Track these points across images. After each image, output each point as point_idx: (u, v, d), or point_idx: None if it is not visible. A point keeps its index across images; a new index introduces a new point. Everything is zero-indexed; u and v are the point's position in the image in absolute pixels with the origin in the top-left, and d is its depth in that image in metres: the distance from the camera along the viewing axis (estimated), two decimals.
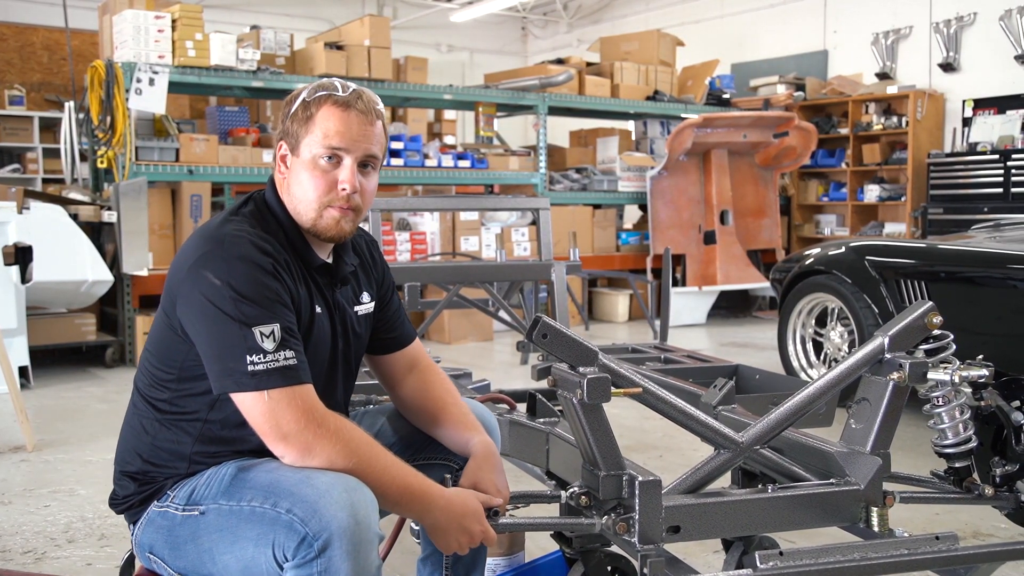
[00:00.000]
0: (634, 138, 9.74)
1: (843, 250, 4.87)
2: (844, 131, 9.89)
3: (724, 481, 2.10)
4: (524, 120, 11.27)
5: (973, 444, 2.12)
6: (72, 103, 7.13)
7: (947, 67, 9.30)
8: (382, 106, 1.79)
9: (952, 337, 2.03)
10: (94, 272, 5.67)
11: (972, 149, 8.83)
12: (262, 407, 1.56)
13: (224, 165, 6.86)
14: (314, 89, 1.73)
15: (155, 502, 1.71)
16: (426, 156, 7.88)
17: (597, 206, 8.86)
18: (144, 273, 6.18)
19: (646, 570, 1.69)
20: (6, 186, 6.33)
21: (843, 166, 9.93)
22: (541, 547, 2.54)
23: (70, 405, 5.14)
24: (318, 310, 1.76)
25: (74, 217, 5.92)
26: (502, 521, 1.75)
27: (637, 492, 1.73)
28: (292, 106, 1.74)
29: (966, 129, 9.07)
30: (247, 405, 1.58)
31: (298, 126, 1.72)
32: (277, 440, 1.57)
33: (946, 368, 1.98)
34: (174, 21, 6.54)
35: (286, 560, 1.50)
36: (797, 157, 8.89)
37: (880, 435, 1.94)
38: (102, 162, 6.52)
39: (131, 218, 6.01)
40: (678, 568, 1.82)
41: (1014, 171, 8.35)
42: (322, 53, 7.27)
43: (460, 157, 8.05)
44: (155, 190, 6.70)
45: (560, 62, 9.23)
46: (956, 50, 9.26)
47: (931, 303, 2.00)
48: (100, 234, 6.28)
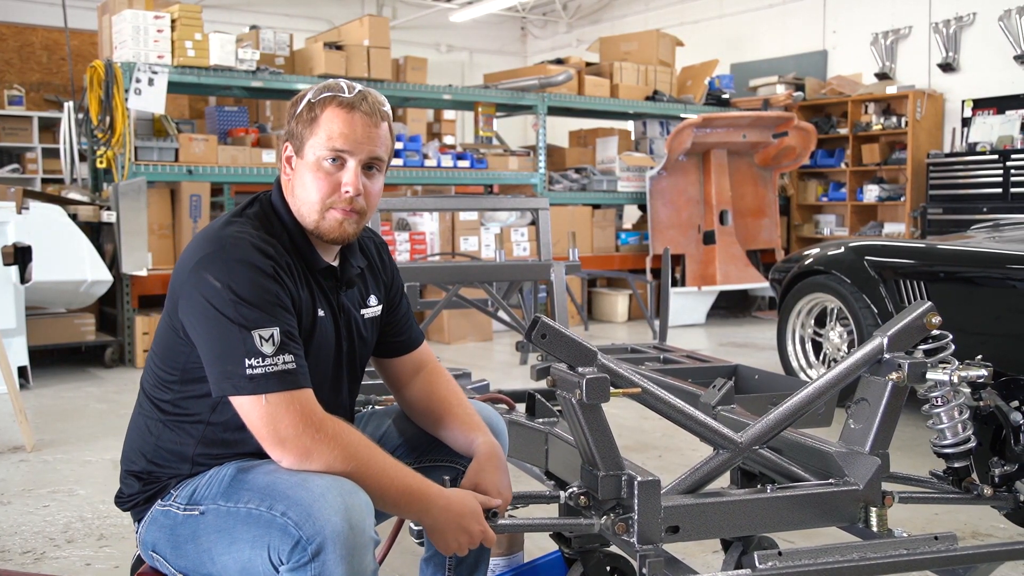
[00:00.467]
0: (633, 138, 9.74)
1: (842, 250, 4.88)
2: (843, 131, 9.89)
3: (723, 481, 2.10)
4: (523, 120, 11.27)
5: (972, 444, 2.12)
6: (71, 103, 7.13)
7: (946, 67, 9.31)
8: (388, 108, 1.78)
9: (951, 337, 2.03)
10: (93, 272, 5.67)
11: (971, 149, 8.83)
12: (260, 411, 1.56)
13: (223, 165, 6.85)
14: (320, 90, 1.73)
15: (159, 501, 1.72)
16: (425, 156, 7.89)
17: (596, 206, 8.86)
18: (143, 273, 6.18)
19: (645, 570, 1.69)
20: (5, 186, 6.33)
21: (842, 166, 9.93)
22: (540, 547, 2.54)
23: (69, 405, 5.14)
24: (321, 313, 1.75)
25: (73, 217, 5.92)
26: (501, 522, 1.75)
27: (636, 492, 1.73)
28: (298, 107, 1.74)
29: (965, 129, 9.07)
30: (245, 409, 1.58)
31: (303, 127, 1.72)
32: (275, 444, 1.57)
33: (945, 368, 1.98)
34: (173, 21, 6.54)
35: (281, 563, 1.50)
36: (796, 157, 8.89)
37: (879, 435, 1.94)
38: (101, 162, 6.52)
39: (130, 218, 6.01)
40: (677, 568, 1.82)
41: (1013, 171, 8.36)
42: (321, 53, 7.27)
43: (459, 157, 8.06)
44: (154, 190, 6.70)
45: (559, 62, 9.23)
46: (955, 50, 9.26)
47: (930, 303, 2.00)
48: (99, 234, 6.28)
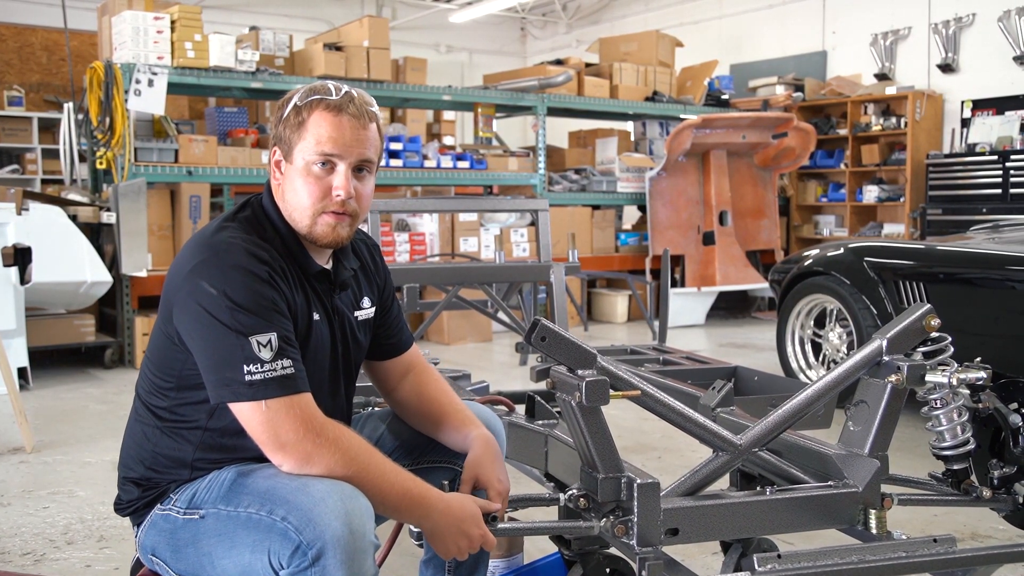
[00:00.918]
0: (633, 139, 9.74)
1: (842, 251, 4.88)
2: (843, 132, 9.89)
3: (723, 483, 2.10)
4: (523, 121, 11.27)
5: (971, 446, 2.12)
6: (71, 104, 7.13)
7: (946, 68, 9.31)
8: (376, 107, 1.77)
9: (950, 339, 2.03)
10: (93, 273, 5.67)
11: (971, 150, 8.83)
12: (260, 417, 1.56)
13: (223, 166, 6.85)
14: (306, 93, 1.72)
15: (158, 505, 1.72)
16: (425, 157, 7.89)
17: (596, 207, 8.86)
18: (143, 274, 6.18)
19: (644, 572, 1.69)
20: (5, 187, 6.33)
21: (842, 167, 9.93)
22: (540, 548, 2.54)
23: (69, 406, 5.14)
24: (316, 317, 1.75)
25: (73, 218, 5.91)
26: (501, 525, 1.75)
27: (635, 494, 1.73)
28: (284, 111, 1.73)
29: (965, 130, 9.07)
30: (245, 415, 1.58)
31: (290, 132, 1.71)
32: (276, 449, 1.57)
33: (944, 370, 1.98)
34: (173, 22, 6.54)
35: (281, 568, 1.50)
36: (796, 158, 8.89)
37: (878, 437, 1.94)
38: (101, 163, 6.52)
39: (130, 219, 6.01)
40: (676, 570, 1.83)
41: (1013, 172, 8.36)
42: (321, 54, 7.28)
43: (459, 158, 8.06)
44: (154, 191, 6.70)
45: (559, 63, 9.23)
46: (955, 51, 9.26)
47: (929, 305, 2.00)
48: (99, 235, 6.28)
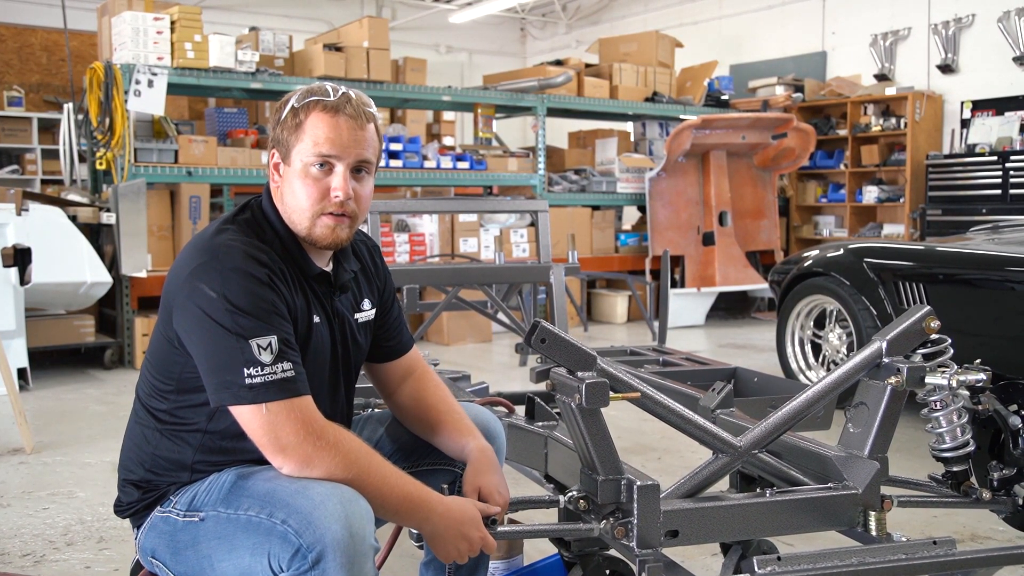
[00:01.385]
0: (633, 139, 9.74)
1: (841, 252, 4.88)
2: (843, 132, 9.89)
3: (722, 485, 2.10)
4: (523, 121, 11.27)
5: (971, 448, 2.12)
6: (71, 104, 7.13)
7: (945, 68, 9.31)
8: (374, 108, 1.77)
9: (950, 341, 2.03)
10: (93, 274, 5.67)
11: (970, 151, 8.83)
12: (260, 420, 1.56)
13: (223, 167, 6.85)
14: (303, 95, 1.71)
15: (158, 507, 1.72)
16: (425, 157, 7.88)
17: (596, 207, 8.86)
18: (143, 275, 6.18)
19: (644, 574, 1.69)
20: (5, 188, 6.32)
21: (842, 167, 9.93)
22: (540, 550, 2.54)
23: (69, 407, 5.14)
24: (316, 319, 1.75)
25: (73, 219, 5.91)
26: (501, 528, 1.75)
27: (635, 496, 1.73)
28: (281, 113, 1.73)
29: (964, 130, 9.07)
30: (245, 418, 1.58)
31: (288, 134, 1.71)
32: (276, 452, 1.57)
33: (944, 372, 1.98)
34: (173, 23, 6.54)
35: (281, 570, 1.50)
36: (796, 158, 8.89)
37: (878, 439, 1.94)
38: (101, 164, 6.52)
39: (130, 220, 6.01)
40: (676, 572, 1.83)
41: (1012, 172, 8.36)
42: (321, 55, 7.27)
43: (459, 158, 8.06)
44: (154, 192, 6.70)
45: (559, 63, 9.24)
46: (954, 51, 9.26)
47: (929, 307, 2.00)
48: (99, 236, 6.28)
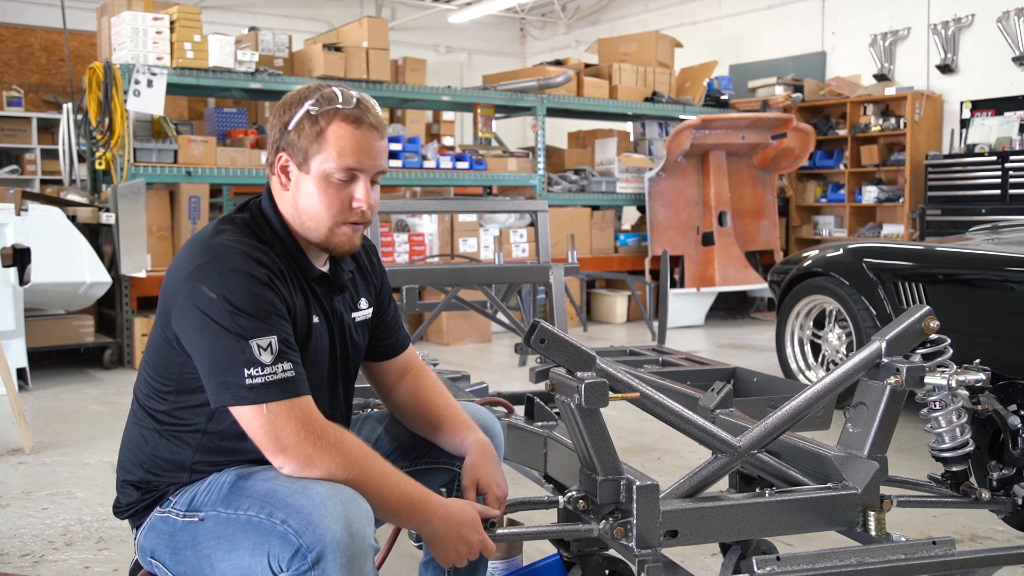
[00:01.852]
0: (632, 139, 9.74)
1: (841, 252, 4.88)
2: (842, 132, 9.89)
3: (722, 485, 2.10)
4: (522, 121, 11.27)
5: (970, 448, 2.12)
6: (70, 104, 7.13)
7: (945, 69, 9.31)
8: (380, 109, 1.79)
9: (949, 341, 2.03)
10: (92, 274, 5.66)
11: (970, 151, 8.83)
12: (261, 420, 1.56)
13: (222, 167, 6.85)
14: (320, 100, 1.68)
15: (157, 507, 1.72)
16: (424, 157, 7.88)
17: (595, 207, 8.86)
18: (142, 275, 6.18)
19: (643, 574, 1.69)
20: (4, 188, 6.33)
21: (841, 167, 9.93)
22: (540, 550, 2.54)
23: (68, 407, 5.14)
24: (316, 320, 1.75)
25: (72, 219, 5.91)
26: (500, 531, 1.75)
27: (635, 496, 1.73)
28: (292, 115, 1.69)
29: (964, 131, 9.08)
30: (246, 418, 1.58)
31: (306, 141, 1.68)
32: (277, 452, 1.57)
33: (943, 372, 1.98)
34: (172, 23, 6.53)
35: (281, 571, 1.51)
36: (795, 158, 8.89)
37: (877, 439, 1.94)
38: (100, 164, 6.52)
39: (129, 220, 6.00)
40: (676, 572, 1.82)
41: (1012, 172, 8.36)
42: (320, 55, 7.27)
43: (458, 158, 8.06)
44: (153, 192, 6.70)
45: (558, 63, 9.24)
46: (954, 52, 9.27)
47: (928, 307, 2.00)
48: (98, 236, 6.28)
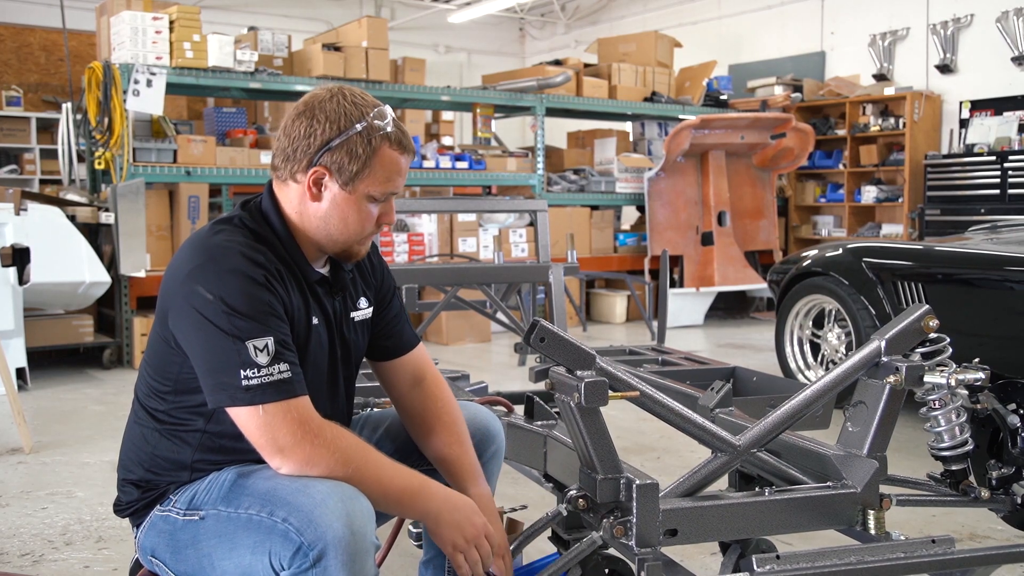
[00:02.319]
0: (632, 139, 9.75)
1: (840, 252, 4.88)
2: (841, 132, 9.90)
3: (721, 484, 2.10)
4: (522, 121, 11.27)
5: (969, 447, 2.12)
6: (69, 104, 7.13)
7: (944, 69, 9.32)
8: None
9: (949, 340, 2.03)
10: (91, 273, 5.66)
11: (969, 151, 8.84)
12: (257, 421, 1.56)
13: (222, 166, 6.85)
14: (371, 127, 1.68)
15: (158, 506, 1.72)
16: (424, 157, 7.89)
17: (595, 207, 8.86)
18: (141, 274, 6.18)
19: (643, 573, 1.69)
20: (3, 187, 6.33)
21: (840, 167, 9.93)
22: (540, 549, 2.54)
23: (67, 407, 5.14)
24: (315, 321, 1.75)
25: (71, 218, 5.91)
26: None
27: (634, 495, 1.73)
28: (338, 134, 1.66)
29: (963, 131, 9.08)
30: (242, 419, 1.58)
31: (353, 162, 1.67)
32: (274, 454, 1.58)
33: (943, 371, 1.97)
34: (172, 22, 6.53)
35: (282, 569, 1.51)
36: (794, 158, 8.90)
37: (877, 438, 1.94)
38: (100, 163, 6.51)
39: (128, 219, 6.00)
40: (675, 571, 1.83)
41: (1011, 172, 8.37)
42: (320, 54, 7.27)
43: (458, 158, 8.06)
44: (153, 191, 6.70)
45: (558, 63, 9.24)
46: (953, 52, 9.27)
47: (928, 306, 2.00)
48: (98, 235, 6.28)
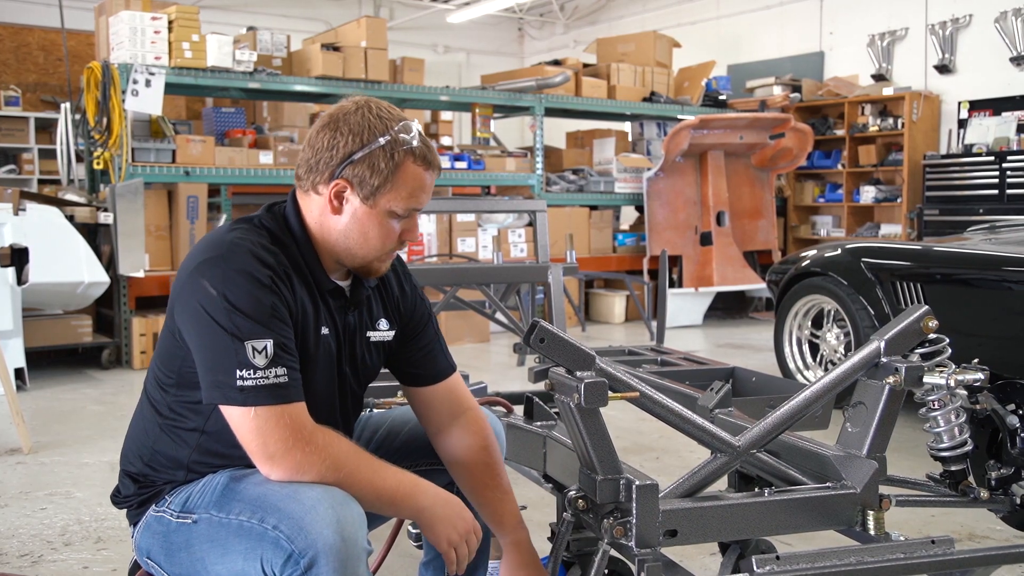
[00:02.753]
0: (631, 139, 9.75)
1: (839, 252, 4.88)
2: (840, 132, 9.90)
3: (721, 484, 2.10)
4: (521, 121, 11.27)
5: (969, 447, 2.12)
6: (68, 104, 7.12)
7: (942, 69, 9.32)
8: None
9: (948, 341, 2.03)
10: (90, 274, 5.66)
11: (967, 151, 8.84)
12: (248, 424, 1.55)
13: (221, 166, 6.85)
14: (396, 141, 1.67)
15: (153, 506, 1.72)
16: None
17: (594, 207, 8.86)
18: (140, 275, 6.17)
19: (643, 574, 1.70)
20: (2, 187, 6.32)
21: (839, 167, 9.94)
22: (539, 549, 2.54)
23: (66, 407, 5.14)
24: (325, 331, 1.73)
25: (70, 218, 5.91)
26: None
27: (634, 496, 1.73)
28: (361, 147, 1.66)
29: (961, 131, 9.08)
30: (235, 420, 1.57)
31: (377, 178, 1.67)
32: (264, 459, 1.56)
33: (942, 372, 1.98)
34: (171, 22, 6.53)
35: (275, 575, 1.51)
36: (793, 158, 8.90)
37: (876, 439, 1.94)
38: (98, 163, 6.51)
39: (127, 219, 6.00)
40: (675, 572, 1.83)
41: (1009, 173, 8.37)
42: (319, 54, 7.27)
43: (457, 158, 8.06)
44: (151, 191, 6.69)
45: (557, 63, 9.24)
46: (951, 52, 9.28)
47: (927, 307, 2.00)
48: (96, 235, 6.27)
